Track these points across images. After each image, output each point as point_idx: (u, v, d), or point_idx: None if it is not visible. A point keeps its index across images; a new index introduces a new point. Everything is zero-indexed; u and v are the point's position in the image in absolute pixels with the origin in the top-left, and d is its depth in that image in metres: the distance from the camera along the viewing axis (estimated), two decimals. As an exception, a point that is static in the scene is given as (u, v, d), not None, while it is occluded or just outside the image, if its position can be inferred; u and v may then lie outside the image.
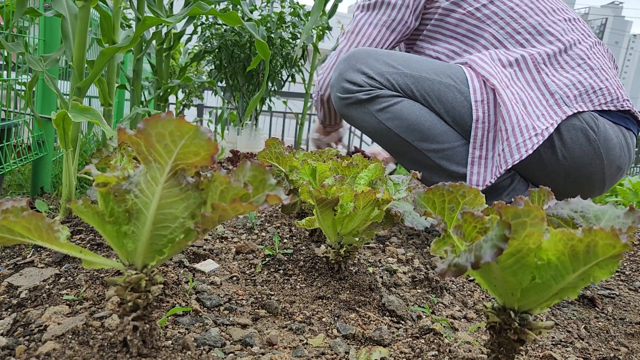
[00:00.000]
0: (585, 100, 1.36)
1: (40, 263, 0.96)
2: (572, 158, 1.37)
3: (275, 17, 3.76)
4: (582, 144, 1.36)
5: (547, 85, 1.38)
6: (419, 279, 1.07)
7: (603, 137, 1.36)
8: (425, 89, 1.45)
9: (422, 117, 1.44)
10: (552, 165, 1.39)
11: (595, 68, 1.41)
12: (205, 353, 0.68)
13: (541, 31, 1.45)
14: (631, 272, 1.40)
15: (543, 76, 1.39)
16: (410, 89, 1.46)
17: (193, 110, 6.07)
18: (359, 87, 1.51)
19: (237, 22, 1.41)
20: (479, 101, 1.38)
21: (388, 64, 1.49)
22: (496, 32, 1.48)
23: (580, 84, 1.37)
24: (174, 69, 3.80)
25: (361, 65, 1.51)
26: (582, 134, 1.35)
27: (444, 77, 1.44)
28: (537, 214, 0.49)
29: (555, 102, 1.36)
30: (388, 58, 1.51)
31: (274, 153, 1.21)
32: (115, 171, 0.59)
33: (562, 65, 1.42)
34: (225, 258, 1.08)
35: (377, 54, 1.53)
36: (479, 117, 1.38)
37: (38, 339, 0.67)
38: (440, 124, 1.45)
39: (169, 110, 0.55)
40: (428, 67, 1.48)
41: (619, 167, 1.42)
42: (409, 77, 1.46)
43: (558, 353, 0.83)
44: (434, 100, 1.44)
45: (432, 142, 1.44)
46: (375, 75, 1.48)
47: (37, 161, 1.58)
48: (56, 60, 1.32)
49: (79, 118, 1.05)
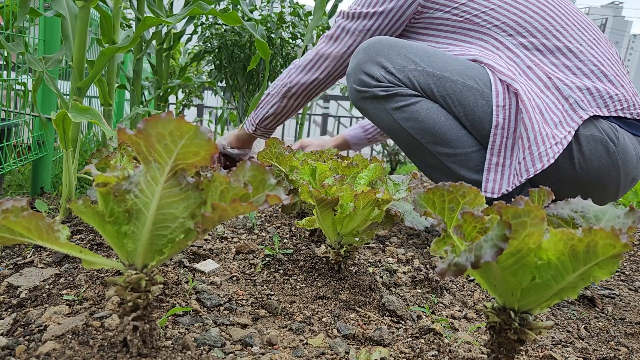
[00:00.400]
0: (600, 105, 1.32)
1: (40, 263, 0.96)
2: (588, 169, 1.33)
3: (275, 17, 3.76)
4: (600, 155, 1.31)
5: (560, 89, 1.33)
6: (419, 279, 1.07)
7: (622, 150, 1.32)
8: (447, 90, 1.39)
9: (439, 120, 1.40)
10: (568, 176, 1.34)
11: (609, 74, 1.37)
12: (205, 353, 0.68)
13: (548, 36, 1.40)
14: (631, 272, 1.40)
15: (555, 81, 1.34)
16: (430, 88, 1.41)
17: (193, 110, 6.07)
18: (377, 81, 1.45)
19: (237, 22, 1.41)
20: (500, 106, 1.33)
21: (410, 59, 1.43)
22: (498, 35, 1.43)
23: (595, 89, 1.33)
24: (174, 69, 3.80)
25: (381, 58, 1.44)
26: (601, 145, 1.31)
27: (467, 79, 1.38)
28: (537, 214, 0.49)
29: (570, 106, 1.31)
30: (410, 52, 1.44)
31: (274, 153, 1.21)
32: (115, 171, 0.59)
33: (573, 71, 1.37)
34: (225, 258, 1.08)
35: (399, 46, 1.46)
36: (499, 122, 1.33)
37: (38, 339, 0.67)
38: (457, 129, 1.41)
39: (169, 110, 0.56)
40: (451, 65, 1.41)
41: (634, 178, 1.39)
42: (431, 76, 1.40)
43: (558, 353, 0.83)
44: (455, 102, 1.39)
45: (445, 146, 1.41)
46: (396, 71, 1.42)
47: (37, 161, 1.58)
48: (58, 61, 1.32)
49: (78, 118, 1.05)
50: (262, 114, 1.80)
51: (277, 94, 1.74)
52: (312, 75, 1.68)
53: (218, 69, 3.97)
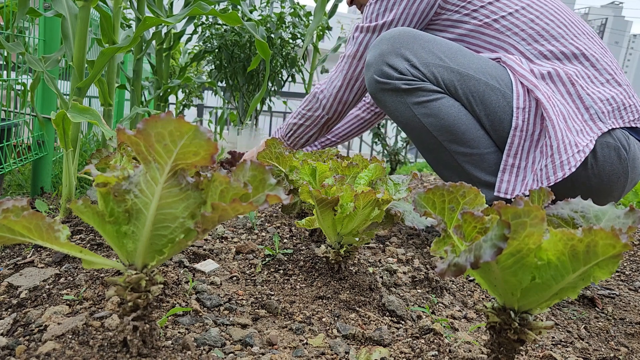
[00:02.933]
0: (617, 117, 1.33)
1: (40, 263, 0.96)
2: (600, 175, 1.34)
3: (275, 17, 3.76)
4: (613, 162, 1.33)
5: (583, 98, 1.34)
6: (419, 279, 1.07)
7: (632, 157, 1.35)
8: (470, 89, 1.38)
9: (459, 119, 1.39)
10: (580, 180, 1.35)
11: (622, 84, 1.38)
12: (205, 353, 0.68)
13: (565, 44, 1.40)
14: (631, 272, 1.40)
15: (578, 89, 1.34)
16: (454, 85, 1.39)
17: (193, 110, 6.07)
18: (400, 74, 1.42)
19: (237, 22, 1.41)
20: (520, 108, 1.33)
21: (434, 54, 1.41)
22: (517, 44, 1.42)
23: (613, 99, 1.34)
24: (174, 69, 3.80)
25: (405, 51, 1.42)
26: (614, 152, 1.32)
27: (490, 79, 1.38)
28: (537, 214, 0.49)
29: (590, 117, 1.32)
30: (435, 46, 1.42)
31: (274, 153, 1.21)
32: (115, 171, 0.59)
33: (592, 80, 1.38)
34: (225, 258, 1.08)
35: (423, 39, 1.44)
36: (518, 125, 1.33)
37: (38, 339, 0.67)
38: (476, 129, 1.40)
39: (168, 110, 0.56)
40: (475, 63, 1.40)
41: (635, 183, 1.42)
42: (455, 73, 1.39)
43: (558, 353, 0.83)
44: (477, 101, 1.38)
45: (462, 145, 1.40)
46: (420, 66, 1.40)
47: (37, 161, 1.58)
48: (57, 61, 1.32)
49: (78, 118, 1.05)
50: (300, 142, 1.79)
51: (315, 125, 1.71)
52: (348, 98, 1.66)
53: (218, 69, 3.97)
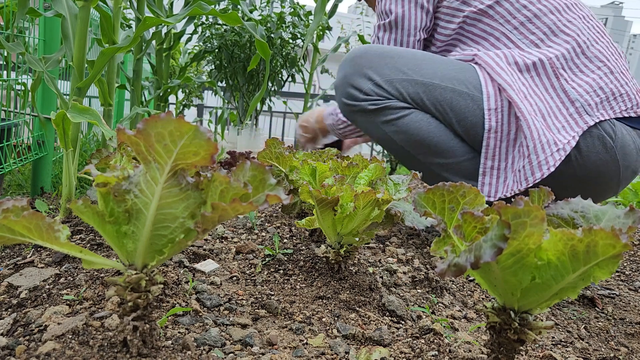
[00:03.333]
0: (606, 107, 1.29)
1: (40, 263, 0.96)
2: (586, 166, 1.30)
3: (275, 17, 3.76)
4: (598, 151, 1.29)
5: (567, 92, 1.30)
6: (419, 279, 1.07)
7: (620, 144, 1.29)
8: (437, 98, 1.37)
9: (430, 132, 1.38)
10: (566, 173, 1.32)
11: (615, 71, 1.32)
12: (205, 353, 0.68)
13: (556, 31, 1.36)
14: (631, 272, 1.40)
15: (562, 82, 1.31)
16: (420, 97, 1.38)
17: (193, 110, 6.07)
18: (365, 95, 1.43)
19: (237, 22, 1.41)
20: (492, 109, 1.31)
21: (397, 69, 1.40)
22: (509, 32, 1.39)
23: (601, 89, 1.29)
24: (174, 69, 3.80)
25: (368, 70, 1.42)
26: (599, 141, 1.28)
27: (457, 84, 1.36)
28: (537, 214, 0.49)
29: (576, 110, 1.28)
30: (398, 61, 1.42)
31: (274, 153, 1.21)
32: (115, 171, 0.59)
33: (581, 69, 1.33)
34: (225, 258, 1.08)
35: (385, 55, 1.43)
36: (492, 126, 1.31)
37: (38, 339, 0.67)
38: (449, 139, 1.39)
39: (168, 110, 0.55)
40: (440, 71, 1.39)
41: (634, 171, 1.36)
42: (419, 84, 1.38)
43: (558, 353, 0.83)
44: (446, 109, 1.37)
45: (437, 157, 1.40)
46: (383, 84, 1.40)
47: (37, 161, 1.58)
48: (57, 61, 1.32)
49: (78, 118, 1.05)
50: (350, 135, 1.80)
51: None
52: None
53: (218, 69, 3.97)
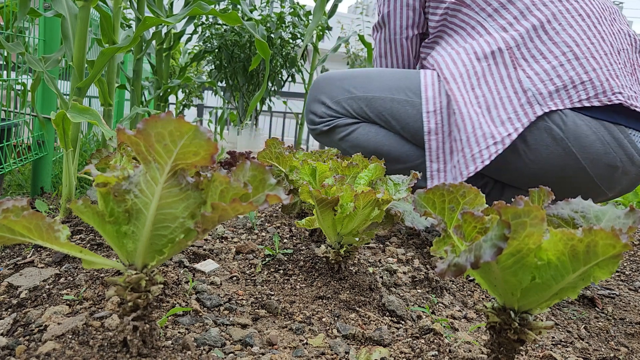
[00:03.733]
0: (562, 96, 1.21)
1: (40, 263, 0.96)
2: (538, 160, 1.25)
3: (275, 17, 3.76)
4: (547, 144, 1.23)
5: (522, 82, 1.23)
6: (419, 279, 1.07)
7: (574, 135, 1.21)
8: (379, 109, 1.44)
9: (378, 141, 1.44)
10: (521, 170, 1.28)
11: (582, 57, 1.22)
12: (205, 353, 0.68)
13: (526, 14, 1.28)
14: (631, 272, 1.40)
15: (519, 71, 1.24)
16: (364, 111, 1.46)
17: (193, 110, 6.07)
18: (320, 118, 1.54)
19: (237, 22, 1.41)
20: (430, 112, 1.33)
21: (344, 89, 1.49)
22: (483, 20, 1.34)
23: (559, 77, 1.21)
24: (174, 69, 3.80)
25: (320, 95, 1.54)
26: (546, 133, 1.22)
27: (397, 93, 1.41)
28: (537, 214, 0.49)
29: (527, 100, 1.22)
30: (345, 81, 1.51)
31: (274, 153, 1.21)
32: (115, 171, 0.59)
33: (544, 55, 1.24)
34: (225, 258, 1.08)
35: (334, 78, 1.54)
36: (431, 128, 1.33)
37: (38, 339, 0.67)
38: (399, 145, 1.44)
39: (168, 110, 0.55)
40: (383, 84, 1.45)
41: (609, 165, 1.24)
42: (362, 100, 1.46)
43: (558, 353, 0.83)
44: (388, 118, 1.43)
45: (394, 163, 1.45)
46: (332, 105, 1.51)
47: (37, 161, 1.58)
48: (57, 61, 1.32)
49: (78, 118, 1.05)
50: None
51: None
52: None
53: (218, 69, 3.97)
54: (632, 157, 1.25)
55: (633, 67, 1.33)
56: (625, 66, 1.28)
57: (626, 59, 1.31)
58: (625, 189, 1.35)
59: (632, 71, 1.32)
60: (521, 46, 1.27)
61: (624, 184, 1.32)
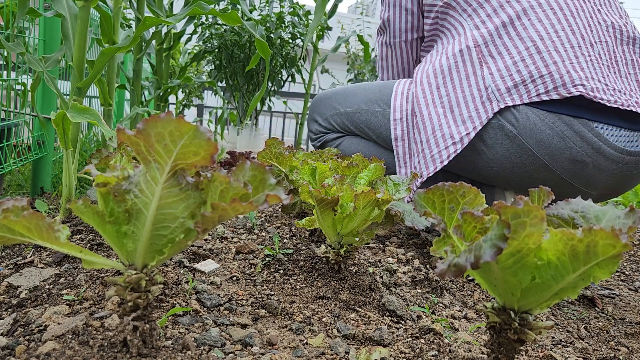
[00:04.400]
0: (521, 91, 1.18)
1: (40, 263, 0.96)
2: (497, 159, 1.25)
3: (275, 17, 3.76)
4: (502, 142, 1.22)
5: (485, 79, 1.23)
6: (419, 279, 1.07)
7: (527, 131, 1.19)
8: (356, 122, 1.57)
9: (360, 152, 1.51)
10: (485, 168, 1.28)
11: (543, 51, 1.18)
12: (205, 353, 0.68)
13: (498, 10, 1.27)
14: (631, 272, 1.40)
15: (484, 70, 1.23)
16: (345, 124, 1.61)
17: (193, 110, 6.07)
18: (314, 135, 1.74)
19: (237, 21, 1.41)
20: (397, 119, 1.40)
21: (331, 106, 1.64)
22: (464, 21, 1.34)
23: (519, 72, 1.19)
24: (174, 69, 3.80)
25: (314, 114, 1.73)
26: (499, 131, 1.22)
27: (372, 105, 1.51)
28: (537, 214, 0.49)
29: (487, 97, 1.21)
30: (333, 99, 1.65)
31: (274, 153, 1.21)
32: (115, 171, 0.59)
33: (509, 50, 1.22)
34: (225, 258, 1.08)
35: (326, 96, 1.68)
36: (397, 135, 1.40)
37: (38, 339, 0.67)
38: (378, 153, 1.55)
39: (168, 110, 0.55)
40: (362, 97, 1.56)
41: (573, 160, 1.18)
42: (343, 115, 1.60)
43: (558, 353, 0.83)
44: (365, 129, 1.55)
45: None
46: (322, 121, 1.68)
47: (37, 161, 1.58)
48: (57, 60, 1.32)
49: (77, 118, 1.05)
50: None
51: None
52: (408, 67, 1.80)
53: (218, 69, 3.97)
54: (602, 152, 1.17)
55: (612, 60, 1.25)
56: (599, 58, 1.21)
57: (603, 51, 1.24)
58: (614, 186, 1.26)
59: (610, 64, 1.24)
60: (489, 43, 1.26)
61: (605, 181, 1.23)
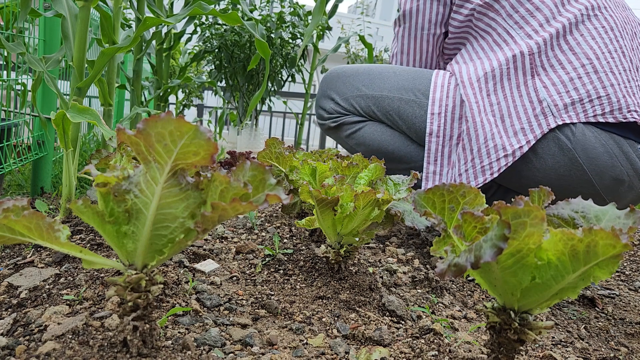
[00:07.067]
0: (577, 109, 1.20)
1: (40, 263, 0.96)
2: (544, 169, 1.24)
3: (275, 17, 3.76)
4: (554, 154, 1.22)
5: (538, 91, 1.22)
6: (419, 279, 1.07)
7: (582, 146, 1.20)
8: (385, 108, 1.45)
9: (384, 141, 1.45)
10: (526, 177, 1.27)
11: (600, 71, 1.21)
12: (205, 353, 0.68)
13: (551, 20, 1.26)
14: (631, 272, 1.40)
15: (536, 81, 1.24)
16: (372, 110, 1.47)
17: (193, 110, 6.07)
18: (328, 114, 1.56)
19: (237, 21, 1.41)
20: (435, 114, 1.33)
21: (353, 86, 1.50)
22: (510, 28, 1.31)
23: (576, 90, 1.20)
24: (174, 69, 3.80)
25: (330, 91, 1.56)
26: (553, 143, 1.21)
27: (406, 93, 1.42)
28: (537, 214, 0.49)
29: (542, 111, 1.21)
30: (355, 78, 1.50)
31: (274, 153, 1.21)
32: (115, 171, 0.59)
33: (563, 65, 1.23)
34: (225, 258, 1.08)
35: (346, 74, 1.54)
36: (433, 130, 1.33)
37: (38, 339, 0.67)
38: (404, 145, 1.45)
39: (168, 110, 0.55)
40: (393, 83, 1.45)
41: (615, 178, 1.22)
42: (370, 98, 1.47)
43: (558, 353, 0.83)
44: (395, 118, 1.44)
45: (397, 162, 1.46)
46: (341, 101, 1.52)
47: (37, 161, 1.58)
48: (58, 61, 1.32)
49: (77, 118, 1.05)
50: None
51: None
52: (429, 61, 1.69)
53: (218, 69, 3.97)
54: (639, 172, 1.24)
55: None
56: None
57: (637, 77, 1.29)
58: (631, 203, 1.32)
59: None
60: (542, 53, 1.25)
61: (629, 198, 1.30)
